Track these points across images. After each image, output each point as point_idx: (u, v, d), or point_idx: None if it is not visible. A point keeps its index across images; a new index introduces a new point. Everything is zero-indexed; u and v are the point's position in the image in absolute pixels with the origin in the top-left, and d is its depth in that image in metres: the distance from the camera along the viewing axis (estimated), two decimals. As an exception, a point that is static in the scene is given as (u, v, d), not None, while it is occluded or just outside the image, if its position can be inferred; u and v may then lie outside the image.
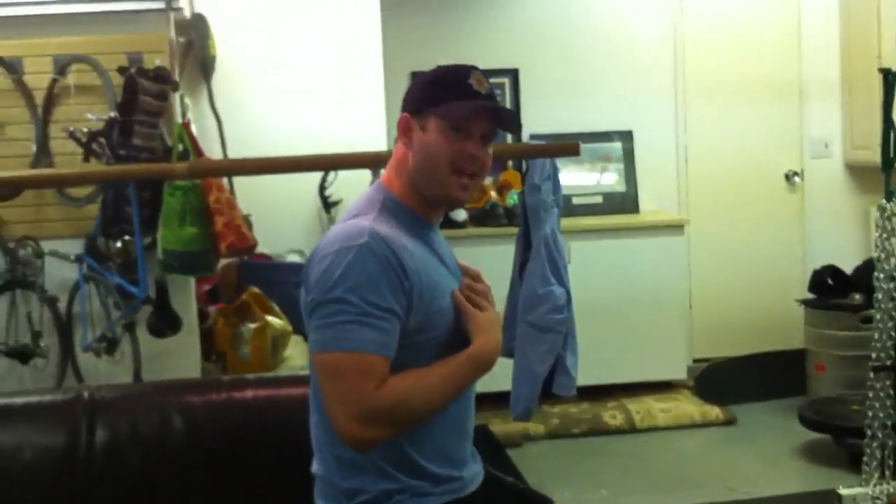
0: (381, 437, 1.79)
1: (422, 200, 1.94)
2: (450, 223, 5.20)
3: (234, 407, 2.23)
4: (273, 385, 2.32)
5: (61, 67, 4.29)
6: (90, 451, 2.08)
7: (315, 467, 1.96)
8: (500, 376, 3.96)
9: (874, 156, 3.96)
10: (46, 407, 2.16)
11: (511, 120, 1.97)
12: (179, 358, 4.35)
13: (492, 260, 4.29)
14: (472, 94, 1.91)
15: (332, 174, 5.74)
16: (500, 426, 4.75)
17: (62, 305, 4.30)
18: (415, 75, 2.01)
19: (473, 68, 1.94)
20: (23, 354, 4.20)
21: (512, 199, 5.27)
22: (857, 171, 5.83)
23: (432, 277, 1.88)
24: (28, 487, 2.03)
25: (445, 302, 1.90)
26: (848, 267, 5.23)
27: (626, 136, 5.71)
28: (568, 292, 3.99)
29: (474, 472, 2.03)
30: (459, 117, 1.88)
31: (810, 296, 5.25)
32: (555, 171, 3.99)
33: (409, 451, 1.87)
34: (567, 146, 3.87)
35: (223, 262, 5.10)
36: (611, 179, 5.70)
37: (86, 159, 4.08)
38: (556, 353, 3.95)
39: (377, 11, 5.47)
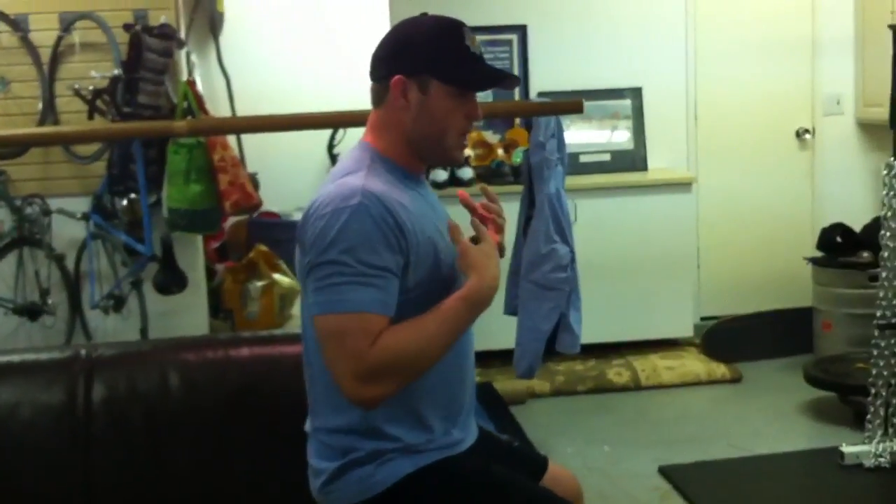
0: (384, 393, 1.79)
1: (410, 156, 1.94)
2: (456, 181, 5.20)
3: (231, 365, 2.24)
4: (270, 343, 2.34)
5: (67, 25, 4.30)
6: (88, 408, 2.10)
7: (308, 425, 1.98)
8: (504, 334, 4.05)
9: (886, 113, 3.93)
10: (44, 365, 2.18)
11: (513, 84, 2.00)
12: (187, 315, 4.41)
13: (498, 218, 4.29)
14: (474, 58, 1.90)
15: (340, 132, 5.76)
16: (505, 384, 4.78)
17: (70, 263, 4.34)
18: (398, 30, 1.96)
19: (463, 25, 1.92)
20: (31, 312, 4.27)
21: (518, 157, 5.26)
22: (869, 129, 5.77)
23: (427, 232, 1.88)
24: (27, 445, 2.05)
25: (442, 255, 1.90)
26: (859, 225, 5.20)
27: (636, 93, 5.67)
28: (572, 251, 4.00)
29: (470, 429, 2.05)
30: (476, 88, 1.91)
31: (819, 254, 5.23)
32: (559, 129, 3.98)
33: (405, 405, 1.88)
34: (570, 104, 3.86)
35: (233, 220, 5.15)
36: (619, 137, 5.67)
37: (90, 117, 4.11)
38: (560, 312, 3.97)
39: (385, -33, 5.44)
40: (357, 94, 5.05)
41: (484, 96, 5.35)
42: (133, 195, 4.19)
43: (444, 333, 1.81)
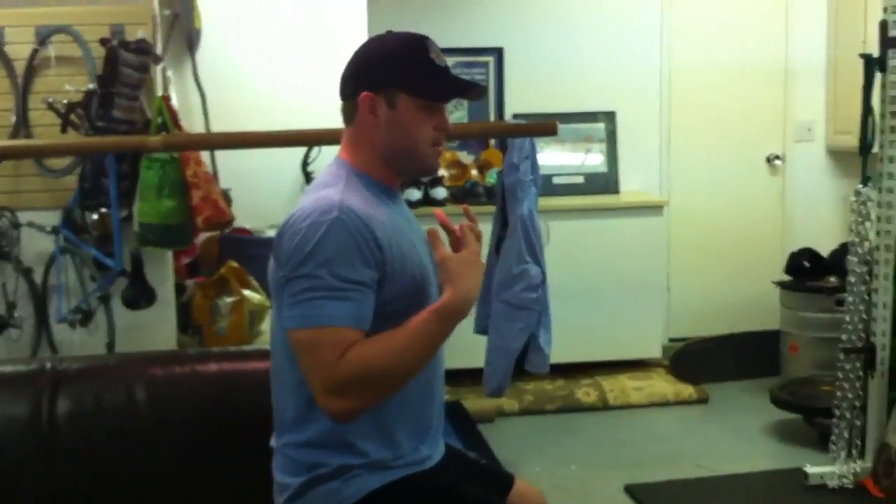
0: (355, 406, 1.79)
1: (388, 170, 1.96)
2: (430, 201, 5.22)
3: (198, 380, 2.24)
4: (237, 359, 2.34)
5: (43, 38, 4.28)
6: (53, 422, 2.09)
7: (274, 440, 1.99)
8: (473, 353, 4.06)
9: (856, 141, 3.98)
10: (9, 377, 2.16)
11: (479, 93, 2.02)
12: (155, 330, 4.37)
13: (470, 238, 4.31)
14: (439, 70, 1.92)
15: (315, 150, 5.75)
16: (474, 402, 4.79)
17: (38, 276, 4.31)
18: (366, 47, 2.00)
19: (427, 39, 1.94)
20: (-3, 325, 4.22)
21: (492, 177, 5.28)
22: (839, 156, 5.85)
23: (403, 247, 1.89)
24: (-10, 456, 2.05)
25: (417, 269, 1.91)
26: (826, 250, 5.27)
27: (609, 117, 5.72)
28: (543, 271, 4.02)
29: (438, 446, 2.06)
30: (439, 100, 1.92)
31: (787, 278, 5.29)
32: (533, 150, 4.01)
33: (374, 420, 1.88)
34: (545, 126, 3.89)
35: (204, 235, 5.12)
36: (593, 160, 5.72)
37: (63, 130, 4.08)
38: (530, 331, 3.99)
39: (363, -13, 5.48)
40: (332, 112, 5.08)
41: (459, 117, 5.43)
42: (104, 209, 4.16)
43: (415, 346, 1.80)
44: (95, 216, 4.20)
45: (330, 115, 4.78)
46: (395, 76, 1.90)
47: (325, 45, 5.94)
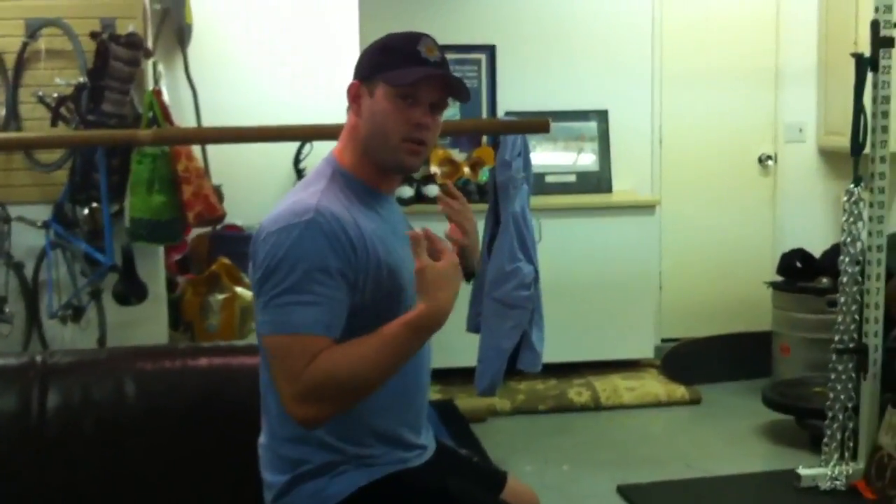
0: (321, 414, 1.76)
1: (374, 170, 1.92)
2: (422, 199, 5.20)
3: (188, 375, 2.22)
4: (228, 354, 2.32)
5: (33, 31, 4.27)
6: (42, 416, 2.07)
7: (262, 438, 1.96)
8: (466, 351, 4.05)
9: (848, 141, 3.97)
10: (-1, 370, 2.15)
11: (459, 88, 1.93)
12: (146, 326, 4.36)
13: (462, 236, 4.29)
14: (421, 61, 1.87)
15: (307, 146, 5.74)
16: (466, 401, 4.77)
17: (28, 271, 4.29)
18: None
19: (425, 35, 1.91)
20: (-13, 320, 4.20)
21: (485, 175, 5.25)
22: (830, 157, 5.84)
23: (379, 254, 1.85)
24: (-22, 450, 2.03)
25: (392, 278, 1.87)
26: (818, 251, 5.27)
27: (602, 116, 5.70)
28: (536, 269, 4.02)
29: (425, 443, 2.04)
30: (404, 84, 1.85)
31: (779, 278, 5.28)
32: (526, 148, 4.00)
33: (353, 422, 1.86)
34: (537, 123, 3.88)
35: (195, 232, 5.10)
36: (585, 159, 5.70)
37: (53, 124, 4.08)
38: (523, 330, 3.99)
39: (354, -16, 5.45)
40: (323, 109, 5.08)
41: (451, 115, 5.41)
42: (95, 204, 4.15)
43: (383, 357, 1.75)
44: (86, 211, 4.19)
45: (321, 111, 4.78)
46: (379, 65, 1.88)
47: (316, 42, 5.94)
